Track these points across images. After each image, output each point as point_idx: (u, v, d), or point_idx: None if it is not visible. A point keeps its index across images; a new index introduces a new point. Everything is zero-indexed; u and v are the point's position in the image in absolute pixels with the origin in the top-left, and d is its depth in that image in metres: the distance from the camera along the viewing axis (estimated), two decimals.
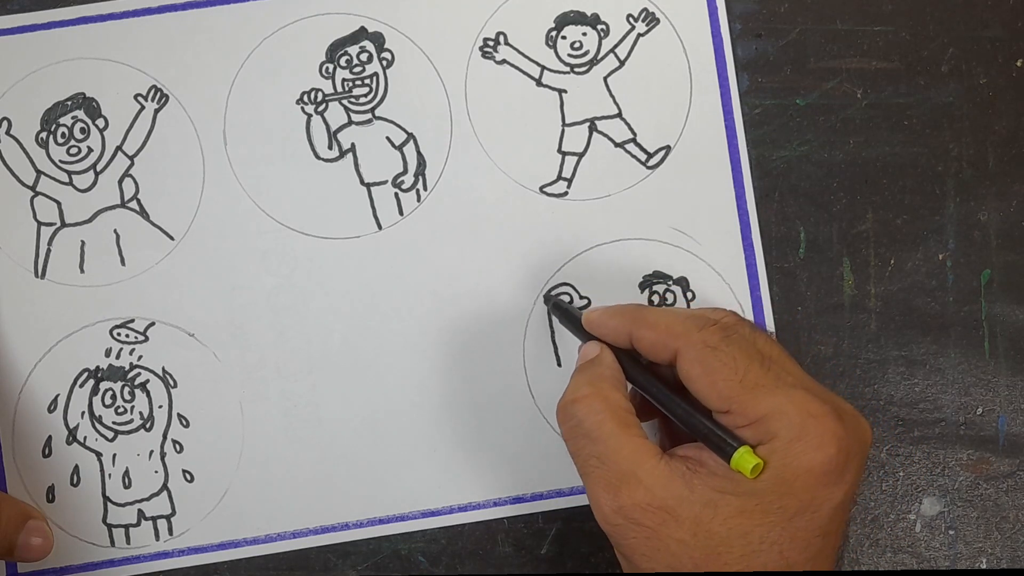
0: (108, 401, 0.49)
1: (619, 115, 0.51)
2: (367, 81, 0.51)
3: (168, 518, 0.49)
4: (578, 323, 0.46)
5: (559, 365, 0.50)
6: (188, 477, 0.49)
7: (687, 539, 0.37)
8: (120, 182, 0.50)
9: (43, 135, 0.50)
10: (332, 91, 0.51)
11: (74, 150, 0.50)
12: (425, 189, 0.51)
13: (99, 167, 0.50)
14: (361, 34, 0.51)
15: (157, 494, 0.49)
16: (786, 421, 0.38)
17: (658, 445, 0.40)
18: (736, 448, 0.38)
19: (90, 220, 0.50)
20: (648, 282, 0.51)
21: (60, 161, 0.50)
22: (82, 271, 0.50)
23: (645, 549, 0.38)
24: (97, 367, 0.50)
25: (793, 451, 0.37)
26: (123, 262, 0.50)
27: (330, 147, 0.51)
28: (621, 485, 0.38)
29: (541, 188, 0.51)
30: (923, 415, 0.51)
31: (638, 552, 0.38)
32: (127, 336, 0.50)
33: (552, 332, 0.50)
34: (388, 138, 0.51)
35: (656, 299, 0.51)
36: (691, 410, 0.40)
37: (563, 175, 0.51)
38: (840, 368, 0.51)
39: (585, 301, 0.50)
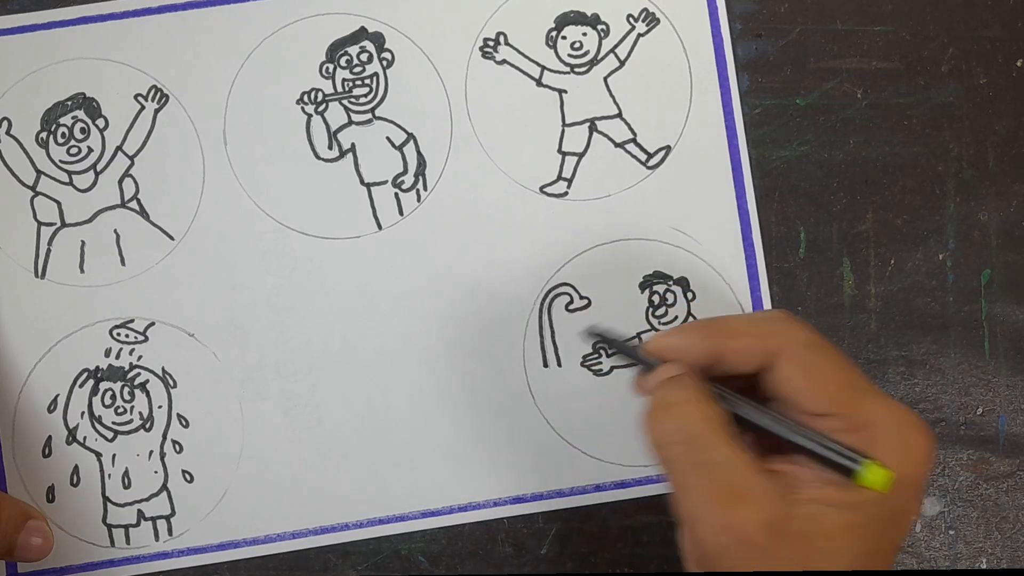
0: (108, 401, 0.49)
1: (619, 115, 0.51)
2: (367, 81, 0.51)
3: (168, 518, 0.49)
4: (633, 351, 0.41)
5: (559, 365, 0.50)
6: (188, 477, 0.49)
7: (793, 556, 0.35)
8: (120, 182, 0.50)
9: (43, 135, 0.50)
10: (332, 91, 0.51)
11: (74, 150, 0.50)
12: (425, 189, 0.51)
13: (99, 167, 0.50)
14: (361, 34, 0.51)
15: (157, 494, 0.49)
16: (891, 430, 0.36)
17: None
18: (862, 462, 0.36)
19: (90, 220, 0.50)
20: (648, 282, 0.51)
21: (60, 161, 0.50)
22: (82, 271, 0.50)
23: (747, 570, 0.35)
24: (97, 367, 0.50)
25: (895, 463, 0.36)
26: (123, 262, 0.50)
27: (330, 147, 0.51)
28: (735, 500, 0.35)
29: (541, 188, 0.51)
30: (923, 415, 0.51)
31: (738, 573, 0.36)
32: (127, 336, 0.50)
33: (552, 332, 0.50)
34: (388, 138, 0.51)
35: (656, 299, 0.51)
36: (801, 427, 0.37)
37: (563, 175, 0.51)
38: None
39: (585, 301, 0.50)
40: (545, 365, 0.50)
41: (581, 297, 0.51)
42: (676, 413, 0.38)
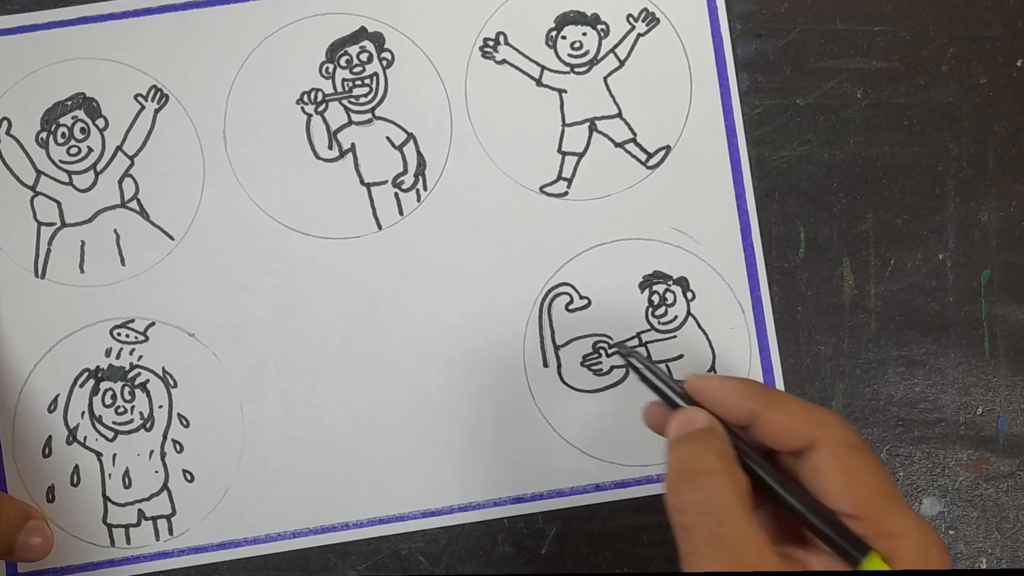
0: (108, 401, 0.50)
1: (619, 115, 0.51)
2: (367, 81, 0.51)
3: (168, 518, 0.49)
4: (672, 388, 0.40)
5: (559, 365, 0.50)
6: (188, 477, 0.49)
7: None
8: (120, 182, 0.50)
9: (43, 135, 0.50)
10: (332, 91, 0.51)
11: (74, 150, 0.50)
12: (425, 189, 0.51)
13: (99, 167, 0.50)
14: (361, 34, 0.51)
15: (157, 494, 0.49)
16: (915, 545, 0.36)
17: None
18: (866, 553, 0.36)
19: (90, 220, 0.50)
20: (648, 282, 0.51)
21: (60, 161, 0.50)
22: (82, 271, 0.50)
23: None
24: (97, 367, 0.50)
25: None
26: (123, 262, 0.50)
27: (330, 147, 0.51)
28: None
29: (541, 188, 0.51)
30: (923, 415, 0.51)
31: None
32: (127, 336, 0.50)
33: (552, 332, 0.50)
34: (388, 138, 0.51)
35: (656, 299, 0.51)
36: (818, 506, 0.38)
37: (563, 175, 0.51)
38: (840, 368, 0.51)
39: (585, 301, 0.50)
40: (545, 365, 0.50)
41: (581, 297, 0.51)
42: (704, 484, 0.37)
